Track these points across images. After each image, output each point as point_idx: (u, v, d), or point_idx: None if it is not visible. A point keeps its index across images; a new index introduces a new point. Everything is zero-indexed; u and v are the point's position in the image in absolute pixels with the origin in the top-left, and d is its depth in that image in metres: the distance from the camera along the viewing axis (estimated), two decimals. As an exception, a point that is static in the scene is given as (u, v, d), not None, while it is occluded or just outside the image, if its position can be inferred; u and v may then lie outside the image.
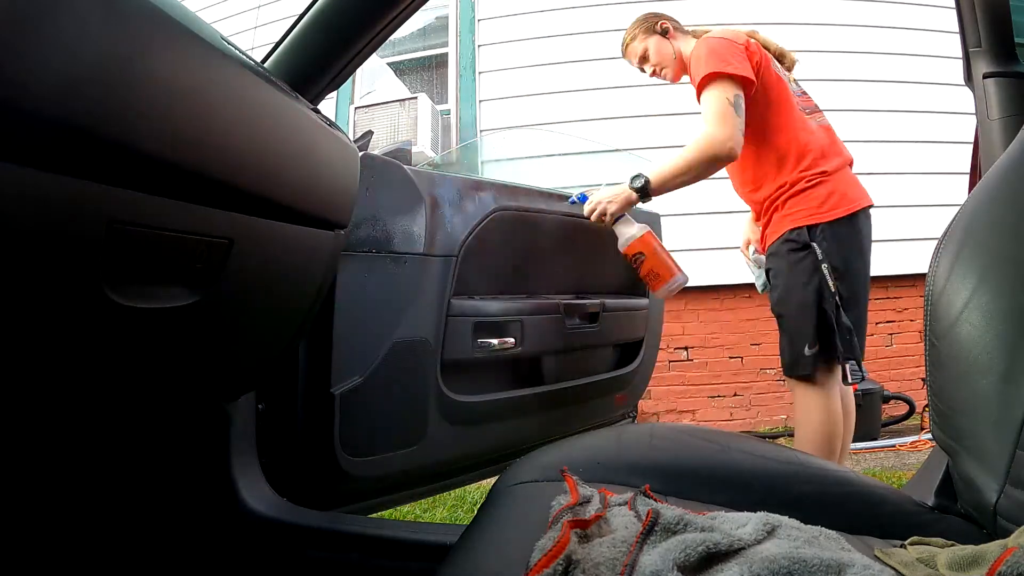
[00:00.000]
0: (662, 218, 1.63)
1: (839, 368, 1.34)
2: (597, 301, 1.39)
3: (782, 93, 1.42)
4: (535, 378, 1.28)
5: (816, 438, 1.35)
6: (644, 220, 1.52)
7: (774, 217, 1.42)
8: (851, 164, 1.51)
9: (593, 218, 1.31)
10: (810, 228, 1.35)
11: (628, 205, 1.32)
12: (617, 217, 1.31)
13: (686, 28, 1.60)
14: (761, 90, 1.38)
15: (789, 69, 1.57)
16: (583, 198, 1.34)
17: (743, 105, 1.32)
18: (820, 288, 1.32)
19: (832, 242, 1.33)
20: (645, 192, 1.31)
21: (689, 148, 1.31)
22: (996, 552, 0.37)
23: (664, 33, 1.53)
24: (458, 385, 1.11)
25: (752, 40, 1.44)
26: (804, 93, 1.54)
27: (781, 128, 1.40)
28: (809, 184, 1.38)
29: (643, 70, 1.58)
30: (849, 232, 1.36)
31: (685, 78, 1.54)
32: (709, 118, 1.31)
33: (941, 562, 0.38)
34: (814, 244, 1.33)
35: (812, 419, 1.37)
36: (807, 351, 1.34)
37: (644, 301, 1.54)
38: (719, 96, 1.31)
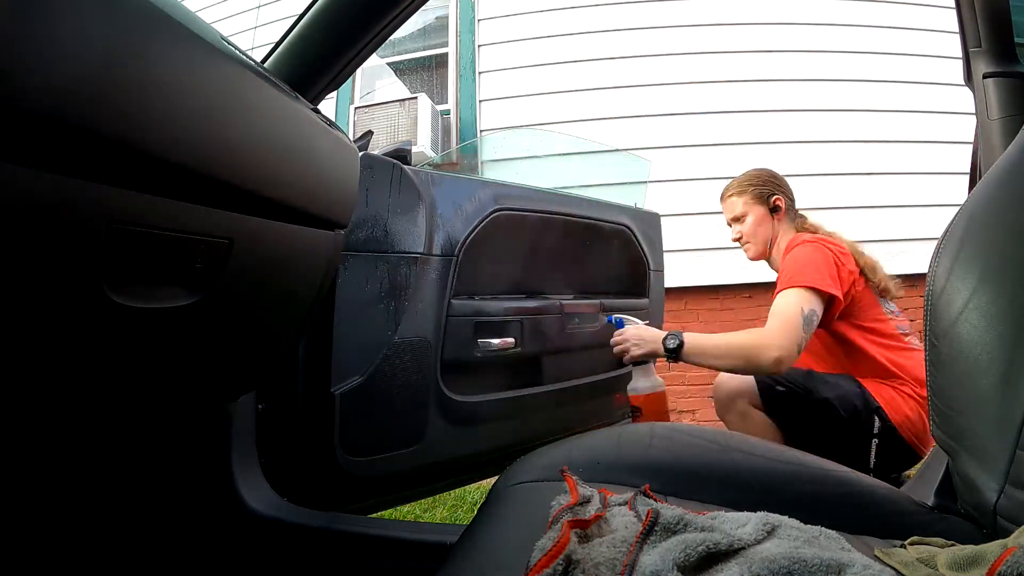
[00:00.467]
0: (663, 218, 1.63)
1: None
2: (596, 301, 1.39)
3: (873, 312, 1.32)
4: (535, 378, 1.28)
5: None
6: (644, 219, 1.52)
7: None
8: None
9: (614, 352, 1.29)
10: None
11: (651, 356, 1.27)
12: (638, 362, 1.28)
13: (796, 211, 1.50)
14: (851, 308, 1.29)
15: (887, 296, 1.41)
16: (619, 323, 1.33)
17: (815, 322, 1.22)
18: None
19: None
20: (675, 355, 1.24)
21: (738, 336, 1.24)
22: (996, 552, 0.37)
23: (774, 211, 1.46)
24: (458, 385, 1.11)
25: (852, 258, 1.34)
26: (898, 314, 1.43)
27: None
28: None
29: (729, 225, 1.50)
30: None
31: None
32: (773, 319, 1.22)
33: (941, 562, 0.38)
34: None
35: None
36: None
37: (644, 301, 1.54)
38: (794, 303, 1.21)
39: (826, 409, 1.24)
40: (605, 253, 1.41)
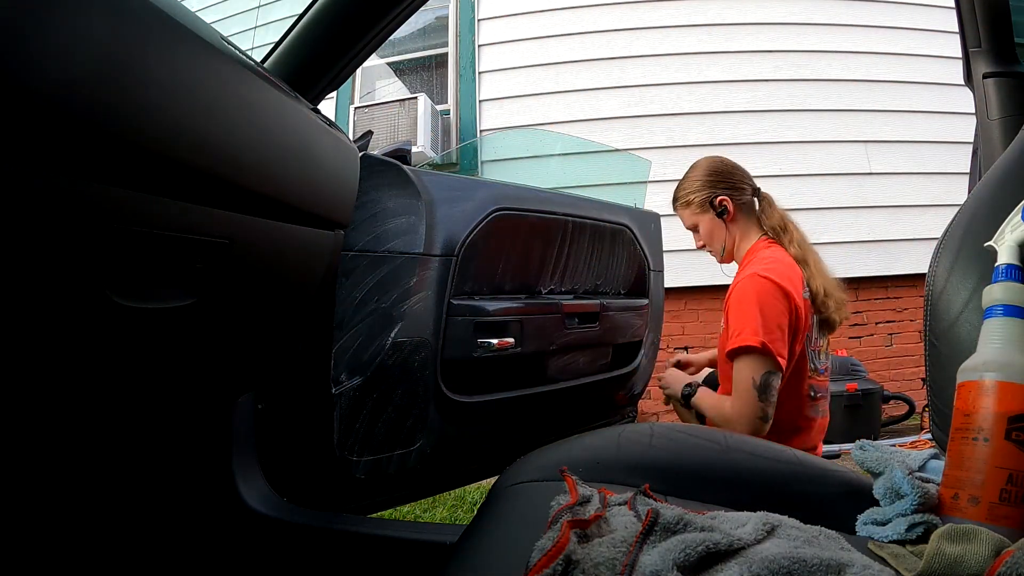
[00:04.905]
0: (663, 218, 1.63)
1: None
2: (596, 301, 1.39)
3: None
4: (535, 378, 1.28)
5: None
6: (644, 219, 1.53)
7: None
8: None
9: (658, 387, 1.48)
10: None
11: (671, 398, 1.44)
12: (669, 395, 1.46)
13: (753, 199, 1.38)
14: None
15: (827, 326, 1.33)
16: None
17: (774, 384, 1.16)
18: None
19: None
20: (686, 401, 1.35)
21: (722, 407, 1.22)
22: (991, 535, 0.37)
23: (722, 214, 1.35)
24: (458, 385, 1.11)
25: (805, 289, 1.25)
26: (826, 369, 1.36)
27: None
28: None
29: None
30: None
31: None
32: (733, 393, 1.20)
33: (935, 537, 0.38)
34: None
35: None
36: None
37: (644, 301, 1.54)
38: (745, 374, 1.17)
39: None
40: (605, 253, 1.40)
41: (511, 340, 1.14)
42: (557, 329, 1.29)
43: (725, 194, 1.35)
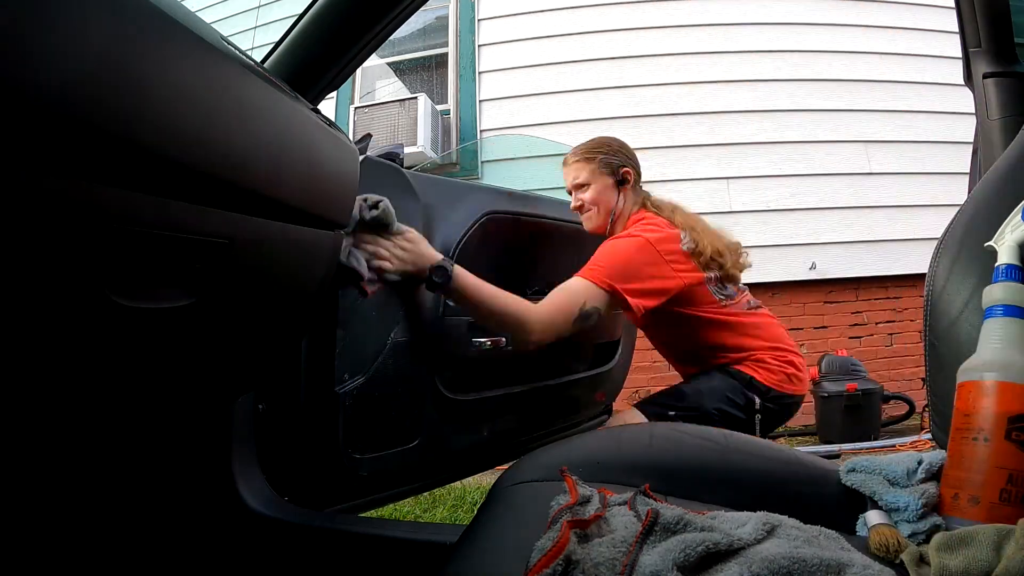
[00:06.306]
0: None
1: None
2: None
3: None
4: (524, 376, 1.30)
5: None
6: None
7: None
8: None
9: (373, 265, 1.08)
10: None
11: (410, 278, 1.08)
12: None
13: (641, 187, 1.40)
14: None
15: (730, 280, 1.35)
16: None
17: (591, 321, 1.17)
18: None
19: None
20: (438, 288, 1.01)
21: (510, 303, 1.08)
22: (988, 532, 0.37)
23: (621, 183, 1.34)
24: (453, 383, 1.12)
25: (682, 244, 1.26)
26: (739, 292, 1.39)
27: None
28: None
29: (569, 192, 1.38)
30: None
31: None
32: (551, 301, 1.14)
33: (933, 545, 0.38)
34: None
35: None
36: None
37: None
38: (580, 295, 1.15)
39: (720, 417, 1.27)
40: (585, 254, 1.43)
41: (503, 339, 1.15)
42: None
43: (629, 166, 1.36)
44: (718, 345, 1.32)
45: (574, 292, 1.16)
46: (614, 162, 1.35)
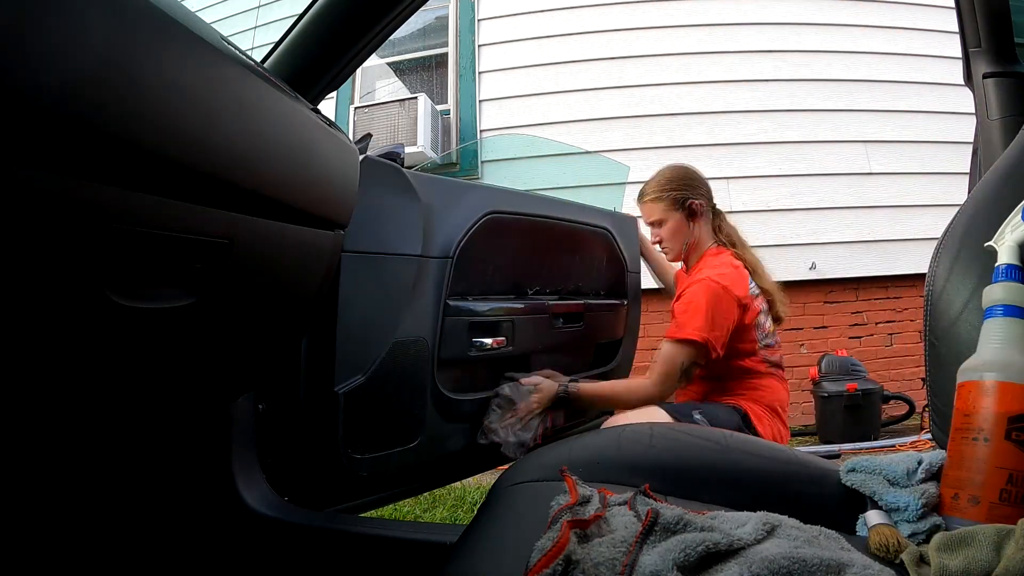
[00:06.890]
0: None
1: None
2: (581, 301, 1.42)
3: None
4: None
5: None
6: (620, 221, 1.56)
7: None
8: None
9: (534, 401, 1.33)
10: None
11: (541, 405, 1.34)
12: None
13: (714, 209, 1.49)
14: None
15: (776, 320, 1.46)
16: None
17: (692, 372, 1.34)
18: None
19: None
20: (564, 400, 1.30)
21: (627, 390, 1.35)
22: (988, 532, 0.37)
23: (692, 216, 1.44)
24: (453, 383, 1.12)
25: (750, 290, 1.37)
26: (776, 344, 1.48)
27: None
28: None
29: (649, 225, 1.50)
30: None
31: None
32: (657, 369, 1.31)
33: (933, 546, 0.38)
34: None
35: None
36: None
37: (623, 301, 1.57)
38: (677, 358, 1.30)
39: None
40: (586, 255, 1.43)
41: (503, 339, 1.15)
42: (545, 329, 1.31)
43: (696, 197, 1.45)
44: (734, 382, 1.39)
45: (670, 358, 1.31)
46: (681, 197, 1.44)
